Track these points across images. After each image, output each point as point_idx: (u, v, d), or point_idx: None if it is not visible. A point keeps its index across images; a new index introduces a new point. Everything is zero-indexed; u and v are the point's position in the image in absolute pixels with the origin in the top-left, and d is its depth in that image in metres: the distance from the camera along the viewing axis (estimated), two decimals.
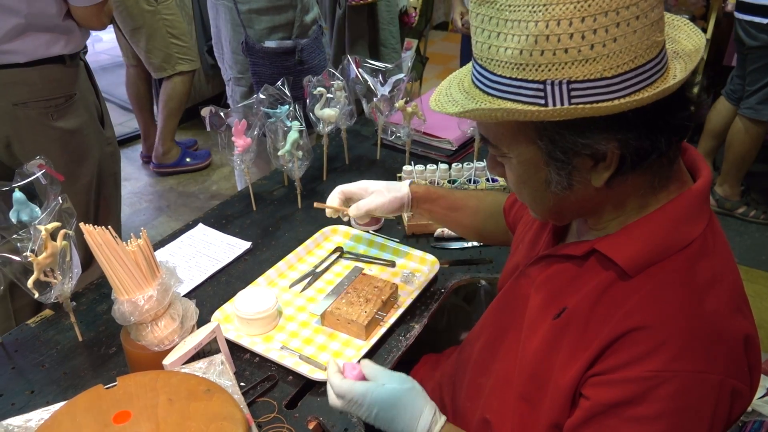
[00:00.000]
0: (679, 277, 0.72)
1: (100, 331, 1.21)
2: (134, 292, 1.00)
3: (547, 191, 0.77)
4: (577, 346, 0.77)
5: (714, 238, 0.76)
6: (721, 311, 0.71)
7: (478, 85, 0.74)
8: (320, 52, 2.16)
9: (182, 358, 0.99)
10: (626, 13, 0.64)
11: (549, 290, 0.85)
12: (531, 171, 0.76)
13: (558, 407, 0.79)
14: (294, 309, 1.27)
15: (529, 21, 0.65)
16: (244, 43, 2.04)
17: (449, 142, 1.87)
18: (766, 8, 2.57)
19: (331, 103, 1.65)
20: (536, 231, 0.97)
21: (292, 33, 2.06)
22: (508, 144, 0.76)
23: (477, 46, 0.72)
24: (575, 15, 0.63)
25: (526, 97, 0.69)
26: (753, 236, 2.91)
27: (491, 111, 0.70)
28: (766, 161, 3.20)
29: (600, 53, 0.65)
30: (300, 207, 1.62)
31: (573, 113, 0.67)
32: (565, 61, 0.65)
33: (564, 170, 0.73)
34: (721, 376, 0.69)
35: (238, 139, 1.47)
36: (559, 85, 0.66)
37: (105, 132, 1.90)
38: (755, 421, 1.68)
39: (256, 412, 1.04)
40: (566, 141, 0.70)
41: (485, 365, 0.97)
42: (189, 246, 1.47)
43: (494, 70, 0.70)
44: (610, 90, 0.66)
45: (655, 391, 0.69)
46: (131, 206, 3.32)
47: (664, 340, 0.69)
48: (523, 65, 0.67)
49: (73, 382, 1.10)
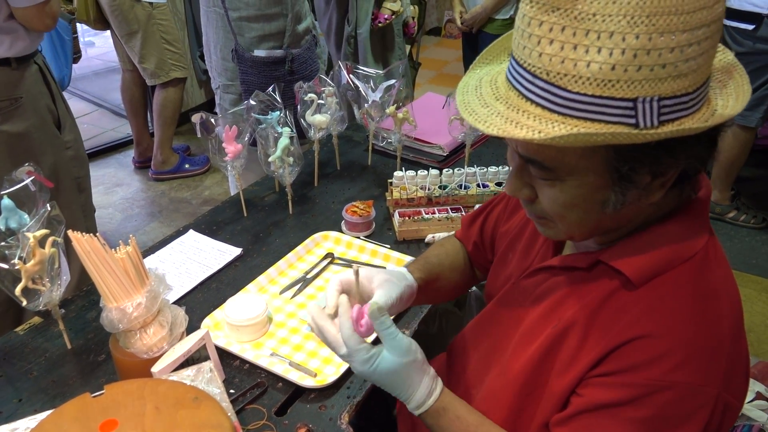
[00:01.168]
0: (685, 288, 0.72)
1: (89, 339, 1.21)
2: (123, 299, 1.00)
3: (599, 212, 0.72)
4: (576, 352, 0.76)
5: (715, 250, 0.76)
6: (725, 325, 0.72)
7: (540, 103, 0.65)
8: (312, 62, 2.16)
9: (171, 365, 0.99)
10: (714, 27, 0.62)
11: (549, 301, 0.84)
12: (589, 194, 0.70)
13: (549, 411, 0.79)
14: (284, 315, 1.27)
15: (627, 33, 0.59)
16: (234, 51, 2.04)
17: (440, 148, 1.88)
18: (751, 14, 2.61)
19: (323, 109, 1.65)
20: (527, 242, 0.95)
21: (283, 42, 2.06)
22: (570, 168, 0.68)
23: (541, 59, 0.64)
24: (678, 28, 0.59)
25: (612, 116, 0.62)
26: (743, 240, 2.93)
27: (592, 135, 0.62)
28: (756, 166, 3.23)
29: (691, 68, 0.61)
30: (291, 213, 1.62)
31: (681, 132, 0.62)
32: (661, 77, 0.60)
33: (628, 190, 0.69)
34: (718, 390, 0.69)
35: (229, 146, 1.47)
36: (650, 102, 0.61)
37: (63, 136, 1.87)
38: (744, 425, 1.69)
39: (245, 420, 1.04)
40: (654, 161, 0.65)
41: (480, 377, 0.96)
42: (179, 252, 1.47)
43: (569, 86, 0.63)
44: (689, 105, 0.64)
45: (650, 398, 0.69)
46: (123, 212, 3.31)
47: (668, 349, 0.69)
48: (613, 81, 0.61)
49: (61, 390, 1.10)
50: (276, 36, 2.05)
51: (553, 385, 0.79)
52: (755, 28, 2.61)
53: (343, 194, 1.72)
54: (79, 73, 5.10)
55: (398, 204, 1.57)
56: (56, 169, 1.83)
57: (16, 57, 1.69)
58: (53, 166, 1.82)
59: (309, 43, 2.14)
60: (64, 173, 1.86)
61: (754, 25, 2.61)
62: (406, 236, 1.50)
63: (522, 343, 0.85)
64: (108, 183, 3.57)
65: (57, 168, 1.83)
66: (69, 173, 1.89)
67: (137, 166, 3.69)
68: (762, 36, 2.60)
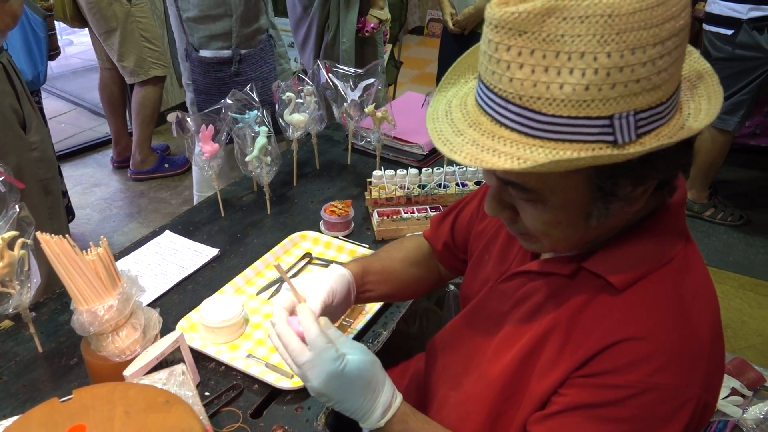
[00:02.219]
0: (666, 291, 0.73)
1: (60, 342, 1.19)
2: (94, 301, 0.98)
3: (584, 226, 0.72)
4: (557, 355, 0.76)
5: (693, 252, 0.77)
6: (706, 327, 0.72)
7: (516, 128, 0.64)
8: (265, 63, 2.13)
9: (144, 368, 0.98)
10: (683, 34, 0.61)
11: (529, 306, 0.83)
12: (573, 210, 0.70)
13: (528, 413, 0.79)
14: (261, 316, 1.26)
15: (598, 53, 0.58)
16: (186, 50, 2.06)
17: (420, 147, 1.88)
18: (730, 20, 2.63)
19: (301, 108, 1.64)
20: (503, 244, 0.94)
21: (231, 42, 2.05)
22: (552, 188, 0.68)
23: (512, 84, 0.62)
24: (649, 42, 0.58)
25: (590, 135, 0.61)
26: (720, 238, 2.97)
27: (576, 160, 0.61)
28: (733, 164, 3.27)
29: (664, 79, 0.61)
30: (269, 213, 1.61)
31: (661, 146, 0.62)
32: (635, 92, 0.60)
33: (611, 202, 0.69)
34: (698, 391, 0.69)
35: (206, 145, 1.46)
36: (627, 117, 0.60)
37: (29, 137, 1.83)
38: (720, 421, 1.71)
39: (220, 422, 1.03)
40: (637, 175, 0.65)
41: (458, 380, 0.95)
42: (155, 253, 1.45)
43: (543, 109, 0.61)
44: (664, 114, 0.63)
45: (632, 399, 0.69)
46: (101, 212, 3.27)
47: (651, 352, 0.69)
48: (588, 101, 0.60)
49: (32, 394, 1.08)
50: (223, 36, 2.05)
51: (533, 389, 0.78)
52: (734, 34, 2.63)
53: (322, 194, 1.71)
54: (56, 71, 5.04)
55: (377, 203, 1.56)
56: (21, 170, 1.77)
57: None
58: (17, 167, 1.77)
59: (263, 44, 2.12)
60: (29, 175, 1.81)
61: (733, 30, 2.63)
62: (385, 236, 1.49)
63: (501, 347, 0.85)
64: (86, 183, 3.52)
65: (21, 169, 1.78)
66: (34, 175, 1.84)
67: (115, 165, 3.65)
68: (741, 42, 2.62)
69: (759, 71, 2.66)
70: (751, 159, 3.55)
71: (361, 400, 0.79)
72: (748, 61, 2.66)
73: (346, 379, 0.77)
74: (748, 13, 2.58)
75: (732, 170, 3.34)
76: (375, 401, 0.79)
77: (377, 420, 0.79)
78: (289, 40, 4.38)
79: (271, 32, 2.18)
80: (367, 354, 0.80)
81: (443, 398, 0.99)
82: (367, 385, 0.79)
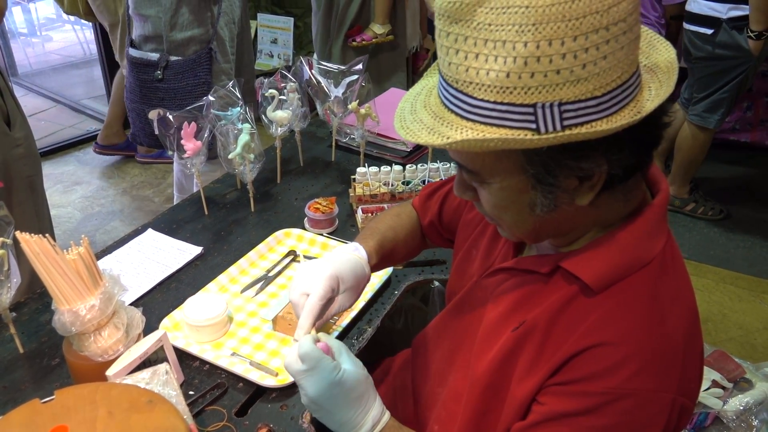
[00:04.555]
0: (642, 295, 0.73)
1: (42, 342, 1.17)
2: (75, 301, 0.97)
3: (531, 214, 0.74)
4: (536, 358, 0.77)
5: (672, 254, 0.77)
6: (681, 331, 0.73)
7: (454, 110, 0.68)
8: (195, 76, 2.06)
9: (127, 368, 0.97)
10: (615, 29, 0.61)
11: (508, 303, 0.84)
12: (514, 196, 0.73)
13: (512, 418, 0.79)
14: (245, 314, 1.25)
15: (516, 41, 0.61)
16: (127, 46, 2.06)
17: (404, 144, 1.88)
18: (710, 19, 2.66)
19: (284, 105, 1.63)
20: (490, 239, 0.95)
21: (163, 47, 2.02)
22: (490, 170, 0.71)
23: (450, 67, 0.66)
24: (567, 34, 0.60)
25: (514, 121, 0.64)
26: (701, 232, 3.01)
27: (484, 141, 0.64)
28: (713, 159, 3.31)
29: (591, 72, 0.62)
30: (253, 210, 1.60)
31: (571, 138, 0.63)
32: (557, 83, 0.62)
33: (552, 193, 0.70)
34: (673, 395, 0.70)
35: (188, 143, 1.45)
36: (550, 107, 0.63)
37: (13, 133, 1.80)
38: (700, 413, 1.74)
39: (205, 421, 1.02)
40: (561, 165, 0.67)
41: (444, 376, 0.96)
42: (138, 252, 1.44)
43: (474, 93, 0.65)
44: (600, 109, 0.64)
45: (610, 406, 0.70)
46: (82, 211, 3.23)
47: (625, 357, 0.70)
48: (510, 88, 0.63)
49: (13, 396, 1.06)
50: (156, 39, 2.03)
51: (514, 391, 0.79)
52: (714, 33, 2.66)
53: (306, 191, 1.70)
54: (35, 67, 4.97)
55: (361, 200, 1.56)
56: (6, 167, 1.75)
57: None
58: (2, 164, 1.75)
59: (197, 56, 2.05)
60: (14, 172, 1.79)
61: (713, 29, 2.66)
62: None
63: (484, 344, 0.86)
64: (67, 181, 3.48)
65: (7, 166, 1.76)
66: (20, 172, 1.81)
67: (96, 150, 3.63)
68: (721, 41, 2.65)
69: (738, 70, 2.69)
70: (732, 154, 3.61)
71: (353, 413, 0.81)
72: (727, 60, 2.69)
73: (341, 390, 0.80)
74: (727, 12, 2.61)
75: (712, 165, 3.39)
76: (366, 415, 0.82)
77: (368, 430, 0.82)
78: (272, 36, 4.36)
79: (214, 46, 2.08)
80: (362, 369, 0.83)
81: (431, 395, 0.99)
82: (359, 398, 0.81)
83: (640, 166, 0.72)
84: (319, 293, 0.87)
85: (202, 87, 2.05)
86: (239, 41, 2.25)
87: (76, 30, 5.39)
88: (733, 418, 1.74)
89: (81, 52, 5.25)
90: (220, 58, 2.11)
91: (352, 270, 0.93)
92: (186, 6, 2.00)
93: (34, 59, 5.09)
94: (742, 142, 3.66)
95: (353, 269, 0.94)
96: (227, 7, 2.10)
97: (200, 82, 2.06)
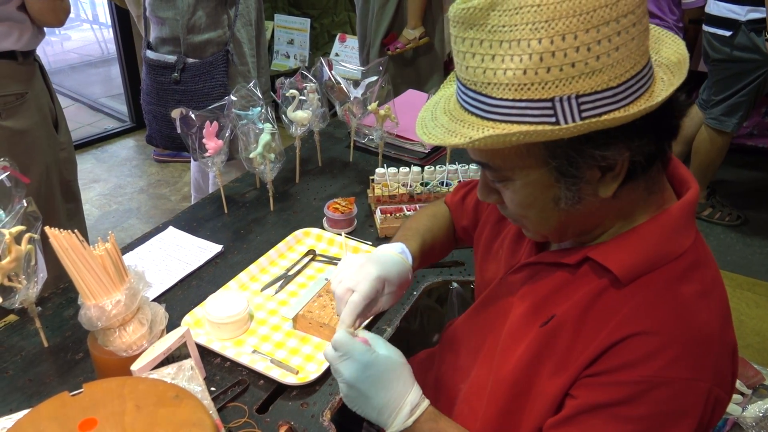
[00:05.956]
0: (674, 286, 0.73)
1: (66, 337, 1.19)
2: (101, 296, 0.99)
3: (555, 209, 0.75)
4: (568, 352, 0.77)
5: (704, 250, 0.78)
6: (713, 321, 0.73)
7: (474, 112, 0.71)
8: (211, 78, 2.06)
9: (151, 363, 0.98)
10: (625, 21, 0.64)
11: (535, 298, 0.84)
12: (538, 191, 0.74)
13: (542, 414, 0.79)
14: (265, 312, 1.26)
15: (531, 39, 0.63)
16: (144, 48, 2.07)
17: (422, 145, 1.88)
18: (729, 21, 2.63)
19: (304, 105, 1.64)
20: (514, 237, 0.96)
21: (180, 49, 2.02)
22: (513, 167, 0.73)
23: (468, 71, 0.69)
24: (579, 28, 0.62)
25: (534, 117, 0.66)
26: (718, 238, 2.99)
27: (506, 136, 0.66)
28: (731, 164, 3.29)
29: (605, 63, 0.64)
30: (272, 209, 1.61)
31: (591, 127, 0.65)
32: (573, 76, 0.64)
33: (575, 185, 0.72)
34: (709, 384, 0.70)
35: (209, 141, 1.46)
36: (568, 100, 0.65)
37: (59, 137, 1.81)
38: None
39: (226, 418, 1.03)
40: (584, 156, 0.68)
41: (467, 372, 0.96)
42: (159, 249, 1.45)
43: (493, 93, 0.67)
44: (617, 99, 0.66)
45: (646, 395, 0.70)
46: (100, 208, 3.26)
47: (661, 346, 0.70)
48: (528, 85, 0.65)
49: (38, 389, 1.08)
50: (172, 41, 2.03)
51: (545, 387, 0.79)
52: (732, 35, 2.63)
53: (325, 191, 1.71)
54: (55, 67, 5.03)
55: (380, 201, 1.57)
56: (49, 170, 1.76)
57: (22, 51, 1.63)
58: (47, 167, 1.76)
59: (213, 58, 2.05)
60: (55, 175, 1.80)
61: (732, 31, 2.63)
62: (388, 233, 1.50)
63: (510, 340, 0.86)
64: (85, 179, 3.52)
65: (49, 169, 1.77)
66: (60, 175, 1.83)
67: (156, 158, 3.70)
68: (739, 43, 2.63)
69: (757, 73, 2.67)
70: (749, 159, 3.58)
71: (389, 395, 0.81)
72: (746, 63, 2.67)
73: (375, 371, 0.81)
74: (746, 14, 2.59)
75: (730, 170, 3.37)
76: (403, 398, 0.82)
77: (405, 418, 0.81)
78: (288, 37, 4.39)
79: (231, 48, 2.09)
80: (399, 356, 0.84)
81: (454, 390, 0.99)
82: (395, 380, 0.82)
83: (660, 156, 0.73)
84: (366, 293, 0.88)
85: (219, 89, 2.05)
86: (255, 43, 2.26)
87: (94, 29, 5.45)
88: (753, 425, 1.73)
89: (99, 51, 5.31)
90: (236, 60, 2.12)
91: (398, 274, 0.95)
92: (203, 9, 2.01)
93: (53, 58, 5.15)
94: (760, 147, 3.63)
95: (399, 273, 0.95)
96: (244, 9, 2.11)
97: (217, 85, 2.07)
